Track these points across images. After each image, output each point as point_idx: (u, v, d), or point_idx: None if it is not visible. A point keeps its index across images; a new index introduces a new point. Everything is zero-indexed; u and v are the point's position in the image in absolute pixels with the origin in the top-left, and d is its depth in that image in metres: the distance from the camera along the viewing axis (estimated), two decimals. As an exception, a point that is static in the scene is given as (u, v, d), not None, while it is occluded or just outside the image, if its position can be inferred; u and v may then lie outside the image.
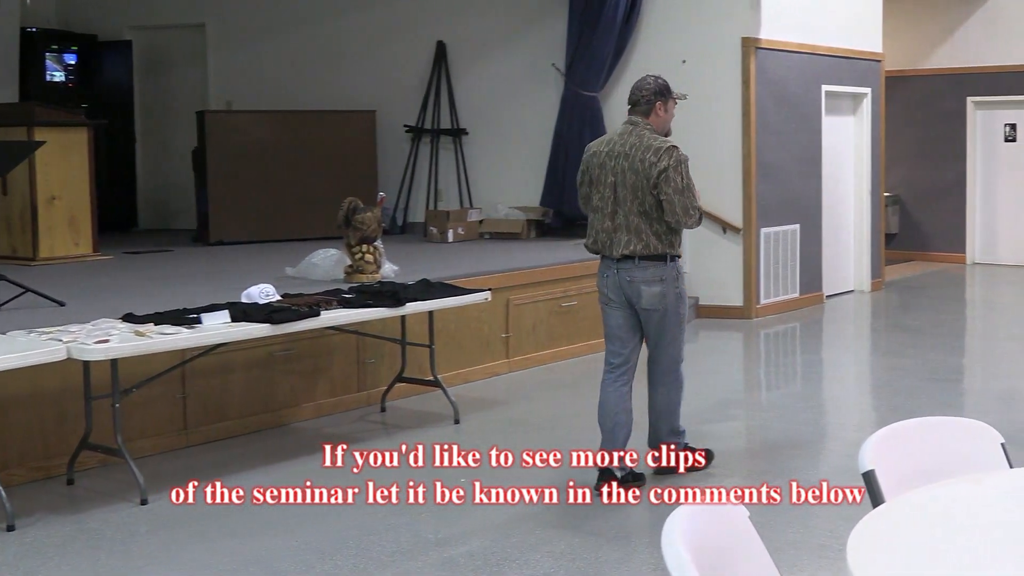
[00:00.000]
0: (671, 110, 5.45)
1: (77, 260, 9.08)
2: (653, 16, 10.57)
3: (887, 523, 2.49)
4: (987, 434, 3.04)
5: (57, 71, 12.61)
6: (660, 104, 5.38)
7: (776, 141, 10.60)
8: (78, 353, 5.11)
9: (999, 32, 13.84)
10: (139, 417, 5.98)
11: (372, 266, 7.47)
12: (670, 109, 5.44)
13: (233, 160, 10.88)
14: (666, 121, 5.45)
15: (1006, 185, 14.12)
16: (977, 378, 8.33)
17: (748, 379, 8.68)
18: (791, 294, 10.88)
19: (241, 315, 5.73)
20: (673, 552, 2.17)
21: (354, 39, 11.99)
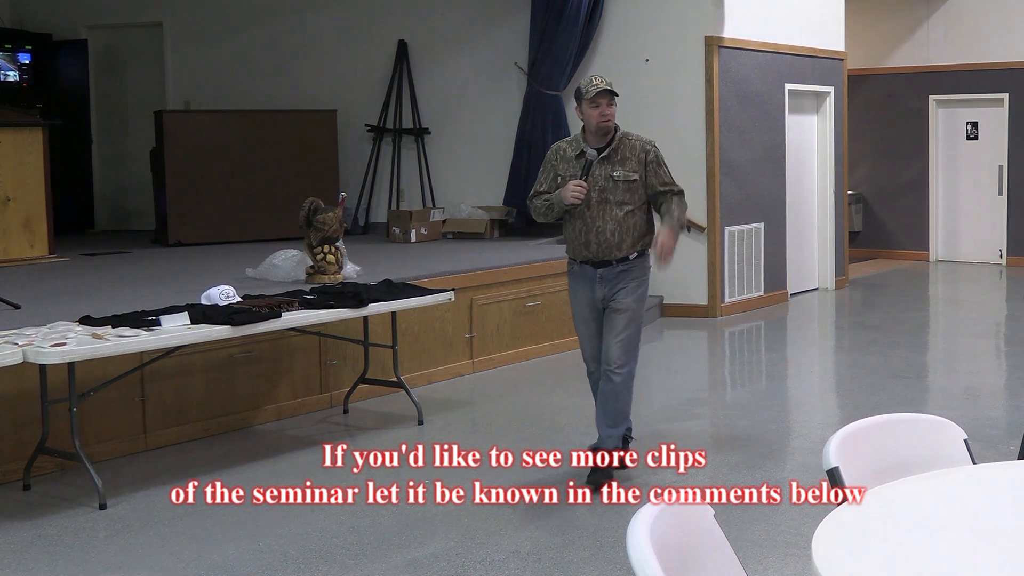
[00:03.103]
0: (586, 111, 5.36)
1: (32, 262, 8.96)
2: (616, 15, 10.56)
3: (852, 520, 2.48)
4: (950, 431, 3.06)
5: (11, 70, 12.45)
6: (576, 108, 5.43)
7: (740, 139, 10.61)
8: (34, 356, 5.03)
9: (960, 31, 13.94)
10: (97, 421, 5.89)
11: (334, 267, 7.41)
12: (585, 111, 5.37)
13: (192, 160, 10.78)
14: (587, 122, 5.40)
15: (968, 183, 14.23)
16: (940, 375, 8.37)
17: (713, 378, 8.68)
18: (755, 292, 10.90)
19: (201, 317, 5.66)
20: (638, 551, 2.14)
21: (315, 38, 11.91)
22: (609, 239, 5.37)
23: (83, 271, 8.77)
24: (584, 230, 5.41)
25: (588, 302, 5.47)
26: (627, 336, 5.39)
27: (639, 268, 5.47)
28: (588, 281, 5.44)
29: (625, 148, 5.41)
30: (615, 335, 5.38)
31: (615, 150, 5.39)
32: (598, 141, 5.39)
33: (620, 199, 5.37)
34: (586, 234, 5.40)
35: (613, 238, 5.37)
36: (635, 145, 5.42)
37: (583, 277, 5.47)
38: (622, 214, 5.36)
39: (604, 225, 5.37)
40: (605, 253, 5.39)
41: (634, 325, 5.42)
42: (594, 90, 5.31)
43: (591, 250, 5.41)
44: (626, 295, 5.40)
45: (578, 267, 5.50)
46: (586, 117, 5.38)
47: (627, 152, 5.40)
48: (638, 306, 5.44)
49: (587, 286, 5.45)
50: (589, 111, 5.35)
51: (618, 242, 5.38)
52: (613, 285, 5.40)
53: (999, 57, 13.68)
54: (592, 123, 5.36)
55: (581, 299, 5.51)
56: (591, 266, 5.43)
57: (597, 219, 5.38)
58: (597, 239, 5.39)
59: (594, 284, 5.43)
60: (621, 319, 5.39)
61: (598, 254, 5.40)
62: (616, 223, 5.37)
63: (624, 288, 5.40)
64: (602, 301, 5.43)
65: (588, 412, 7.03)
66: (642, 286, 5.47)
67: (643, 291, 5.48)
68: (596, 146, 5.38)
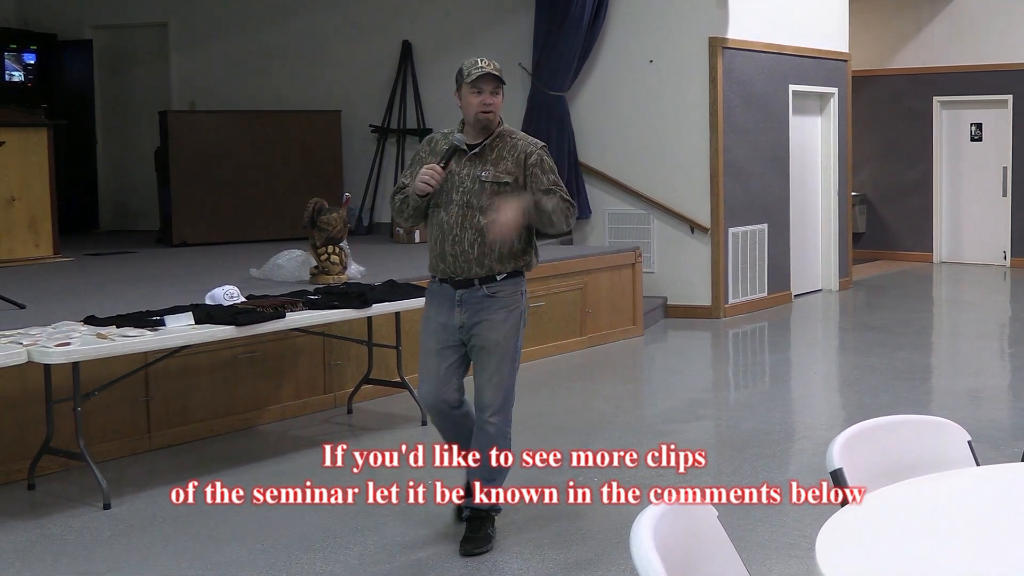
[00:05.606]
0: (466, 97, 4.49)
1: (37, 262, 8.98)
2: (620, 15, 10.57)
3: (856, 521, 2.48)
4: (954, 432, 3.06)
5: (16, 71, 12.48)
6: (455, 93, 4.59)
7: (744, 140, 10.61)
8: (39, 356, 5.04)
9: (965, 32, 13.94)
10: (101, 421, 5.90)
11: (338, 267, 7.41)
12: (464, 96, 4.51)
13: (196, 161, 10.79)
14: (465, 110, 4.53)
15: (972, 185, 14.22)
16: (944, 376, 8.36)
17: (716, 379, 8.68)
18: (759, 293, 10.90)
19: (205, 317, 5.66)
20: (642, 552, 2.15)
21: (319, 38, 11.92)
22: (468, 252, 4.48)
23: (87, 271, 8.78)
24: (441, 239, 4.53)
25: (441, 328, 4.56)
26: (500, 379, 4.55)
27: (509, 294, 4.56)
28: (446, 303, 4.56)
29: (503, 146, 4.53)
30: (486, 377, 4.55)
31: (489, 147, 4.52)
32: (475, 136, 4.52)
33: (486, 205, 4.46)
34: (443, 244, 4.53)
35: (472, 251, 4.48)
36: (516, 144, 4.54)
37: (441, 297, 4.59)
38: (486, 222, 4.46)
39: (463, 235, 4.48)
40: (463, 269, 4.50)
41: (507, 364, 4.55)
42: (477, 72, 4.45)
43: (447, 264, 4.53)
44: (492, 328, 4.51)
45: (436, 285, 4.63)
46: (465, 104, 4.50)
47: (504, 151, 4.52)
48: (510, 342, 4.55)
49: (443, 309, 4.57)
50: (469, 97, 4.47)
51: (478, 256, 4.49)
52: (475, 313, 4.52)
53: (1003, 58, 13.67)
54: (471, 112, 4.48)
55: (432, 323, 4.60)
56: (451, 285, 4.55)
57: (455, 227, 4.49)
58: (453, 251, 4.50)
59: (453, 308, 4.54)
60: (491, 359, 4.53)
61: (456, 270, 4.52)
62: (477, 233, 4.47)
63: (489, 320, 4.51)
64: (461, 331, 4.54)
65: (589, 413, 7.07)
66: (512, 316, 4.56)
67: (515, 322, 4.57)
68: (472, 141, 4.52)
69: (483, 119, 4.48)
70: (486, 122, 4.49)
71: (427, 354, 4.60)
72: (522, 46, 10.80)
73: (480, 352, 4.55)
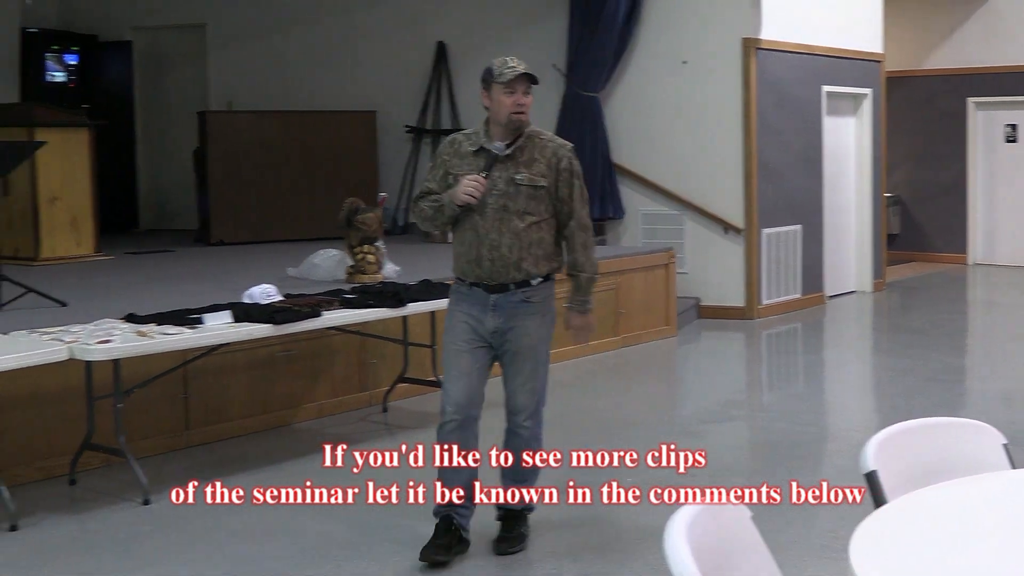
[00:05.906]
0: (497, 97, 4.42)
1: (78, 260, 9.09)
2: (654, 16, 10.57)
3: (890, 524, 2.49)
4: (989, 435, 3.04)
5: (58, 71, 12.62)
6: (483, 93, 4.51)
7: (777, 141, 10.60)
8: (80, 353, 5.10)
9: (999, 33, 13.84)
10: (141, 417, 5.97)
11: (374, 266, 7.47)
12: (495, 97, 4.43)
13: (234, 160, 10.89)
14: (497, 111, 4.45)
15: (1007, 186, 14.12)
16: (979, 379, 8.33)
17: (750, 380, 8.68)
18: (793, 295, 10.88)
19: (243, 315, 5.72)
20: (676, 552, 2.17)
21: (355, 39, 12.00)
22: (506, 256, 4.41)
23: (128, 269, 8.89)
24: (476, 244, 4.44)
25: (472, 330, 4.47)
26: (534, 384, 4.53)
27: (544, 299, 4.52)
28: (477, 306, 4.46)
29: (534, 148, 4.48)
30: (520, 382, 4.50)
31: (521, 148, 4.46)
32: (505, 136, 4.44)
33: (522, 208, 4.42)
34: (478, 249, 4.44)
35: (511, 255, 4.41)
36: (547, 146, 4.51)
37: (472, 301, 4.48)
38: (523, 226, 4.41)
39: (500, 239, 4.41)
40: (500, 274, 4.43)
41: (541, 369, 4.54)
42: (511, 73, 4.38)
43: (483, 268, 4.44)
44: (527, 334, 4.47)
45: (466, 288, 4.51)
46: (496, 105, 4.42)
47: (536, 153, 4.47)
48: (543, 347, 4.54)
49: (475, 312, 4.47)
50: (502, 98, 4.39)
51: (516, 260, 4.42)
52: (510, 318, 4.45)
53: (1039, 59, 13.58)
54: (503, 113, 4.40)
55: (461, 325, 4.48)
56: (484, 290, 4.46)
57: (492, 231, 4.42)
58: (491, 256, 4.42)
59: (486, 312, 4.46)
60: (526, 364, 4.48)
61: (492, 275, 4.43)
62: (515, 237, 4.41)
63: (523, 326, 4.46)
64: (493, 335, 4.46)
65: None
66: (546, 321, 4.54)
67: (548, 327, 4.56)
68: (501, 141, 4.45)
69: (516, 120, 4.42)
70: (519, 123, 4.43)
71: (457, 353, 4.48)
72: (556, 47, 10.83)
73: (514, 357, 4.50)
